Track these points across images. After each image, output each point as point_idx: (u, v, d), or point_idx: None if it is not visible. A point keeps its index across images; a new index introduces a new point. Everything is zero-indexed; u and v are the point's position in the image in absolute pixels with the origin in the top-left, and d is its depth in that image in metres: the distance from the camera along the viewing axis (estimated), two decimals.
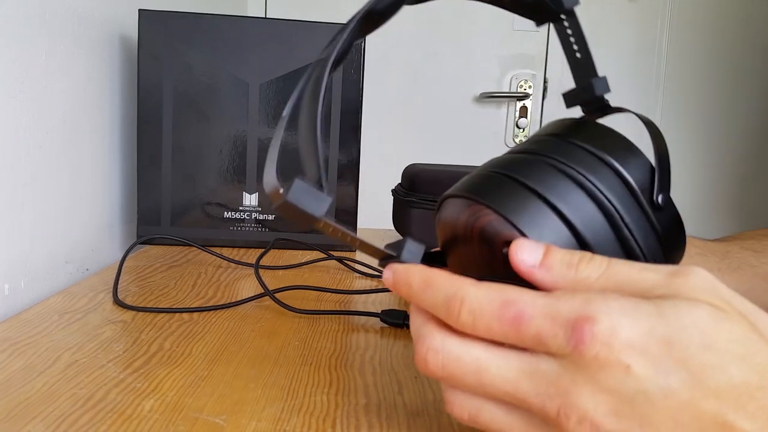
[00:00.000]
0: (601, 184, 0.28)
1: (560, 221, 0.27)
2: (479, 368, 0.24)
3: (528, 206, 0.27)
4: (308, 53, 0.72)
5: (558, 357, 0.23)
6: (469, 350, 0.24)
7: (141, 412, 0.31)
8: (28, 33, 0.52)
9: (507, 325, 0.24)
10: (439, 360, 0.25)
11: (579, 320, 0.22)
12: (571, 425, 0.22)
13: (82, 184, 0.64)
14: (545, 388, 0.23)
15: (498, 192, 0.28)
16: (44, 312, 0.46)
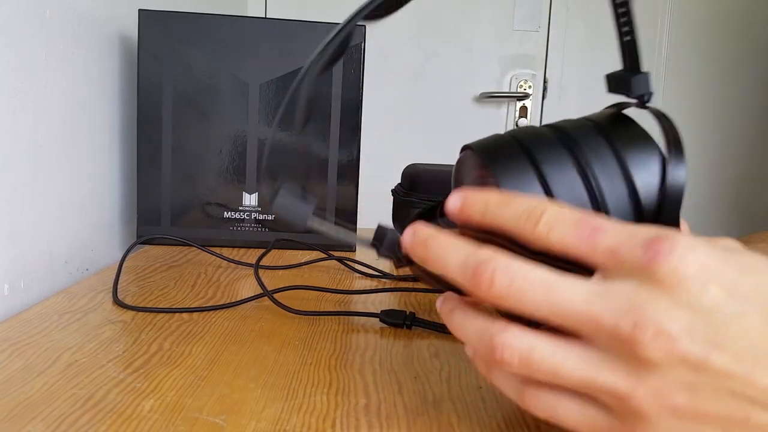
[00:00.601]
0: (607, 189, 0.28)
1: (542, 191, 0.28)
2: (549, 285, 0.24)
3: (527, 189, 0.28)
4: (308, 53, 0.72)
5: (632, 274, 0.23)
6: (538, 270, 0.24)
7: (141, 412, 0.31)
8: (28, 33, 0.52)
9: (583, 237, 0.24)
10: (507, 276, 0.24)
11: (657, 238, 0.22)
12: (647, 339, 0.22)
13: (82, 184, 0.64)
14: (619, 305, 0.22)
15: (508, 165, 0.29)
16: (44, 312, 0.46)
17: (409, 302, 0.54)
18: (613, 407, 0.24)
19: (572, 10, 1.69)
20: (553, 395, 0.25)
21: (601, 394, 0.24)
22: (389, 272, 0.65)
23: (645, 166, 0.28)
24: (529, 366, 0.24)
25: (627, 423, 0.24)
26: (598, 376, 0.23)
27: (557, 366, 0.24)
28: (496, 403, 0.34)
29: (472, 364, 0.39)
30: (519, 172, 0.28)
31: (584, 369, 0.23)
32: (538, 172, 0.28)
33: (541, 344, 0.24)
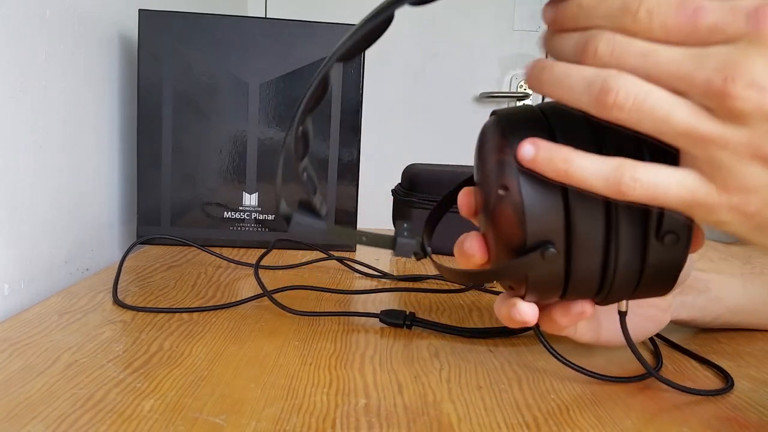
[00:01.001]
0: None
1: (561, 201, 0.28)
2: (647, 51, 0.25)
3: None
4: (308, 53, 0.72)
5: (733, 41, 0.24)
6: (638, 41, 0.25)
7: (141, 412, 0.31)
8: (28, 33, 0.52)
9: (684, 18, 0.24)
10: (609, 45, 0.25)
11: (760, 7, 0.23)
12: (738, 89, 0.23)
13: (82, 184, 0.64)
14: (714, 64, 0.23)
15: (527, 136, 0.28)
16: (44, 312, 0.46)
17: (409, 302, 0.54)
18: (707, 161, 0.25)
19: None
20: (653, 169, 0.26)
21: (700, 143, 0.25)
22: (389, 272, 0.65)
23: None
24: (641, 110, 0.25)
25: (718, 179, 0.25)
26: (700, 126, 0.24)
27: (667, 113, 0.24)
28: (496, 403, 0.34)
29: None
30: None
31: (689, 119, 0.24)
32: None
33: (656, 92, 0.25)
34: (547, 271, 0.30)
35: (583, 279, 0.30)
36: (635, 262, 0.29)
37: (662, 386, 0.37)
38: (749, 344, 0.45)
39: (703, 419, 0.33)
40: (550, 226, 0.28)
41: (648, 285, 0.30)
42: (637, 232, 0.28)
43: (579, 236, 0.29)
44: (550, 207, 0.28)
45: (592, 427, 0.31)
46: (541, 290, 0.31)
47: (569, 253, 0.29)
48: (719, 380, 0.38)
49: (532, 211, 0.28)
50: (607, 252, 0.29)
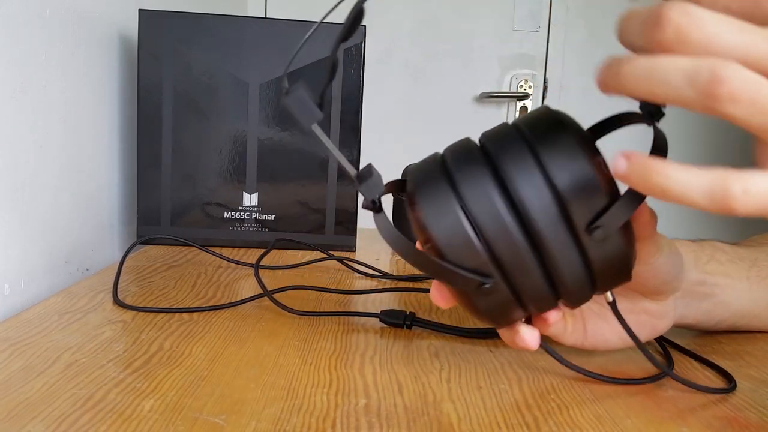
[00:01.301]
0: (527, 198, 0.28)
1: (475, 235, 0.29)
2: (742, 29, 0.22)
3: (446, 211, 0.29)
4: (308, 53, 0.72)
5: None
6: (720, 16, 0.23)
7: (141, 412, 0.31)
8: (28, 33, 0.52)
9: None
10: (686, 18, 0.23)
11: None
12: None
13: (82, 184, 0.63)
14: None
15: (429, 188, 0.30)
16: (44, 312, 0.46)
17: (409, 302, 0.54)
18: None
19: (572, 10, 1.69)
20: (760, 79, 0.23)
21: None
22: (389, 272, 0.65)
23: (564, 167, 0.28)
24: (756, 103, 0.22)
25: None
26: None
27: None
28: (496, 403, 0.34)
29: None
30: (438, 196, 0.30)
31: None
32: (456, 192, 0.29)
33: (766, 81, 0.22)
34: (494, 301, 0.31)
35: (535, 294, 0.30)
36: (576, 265, 0.29)
37: (662, 386, 0.37)
38: (749, 344, 0.45)
39: (703, 419, 0.33)
40: (477, 263, 0.29)
41: (605, 279, 0.31)
42: (562, 236, 0.29)
43: (507, 261, 0.29)
44: (468, 246, 0.29)
45: (592, 427, 0.31)
46: (500, 317, 0.32)
47: (508, 279, 0.30)
48: (721, 381, 0.38)
49: (454, 256, 0.29)
50: (543, 264, 0.29)
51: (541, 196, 0.28)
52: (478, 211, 0.29)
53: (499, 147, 0.30)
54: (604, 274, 0.30)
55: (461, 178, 0.29)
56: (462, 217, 0.29)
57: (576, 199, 0.28)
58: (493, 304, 0.31)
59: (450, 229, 0.29)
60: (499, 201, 0.29)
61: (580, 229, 0.28)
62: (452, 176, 0.30)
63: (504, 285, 0.30)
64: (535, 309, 0.32)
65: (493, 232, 0.29)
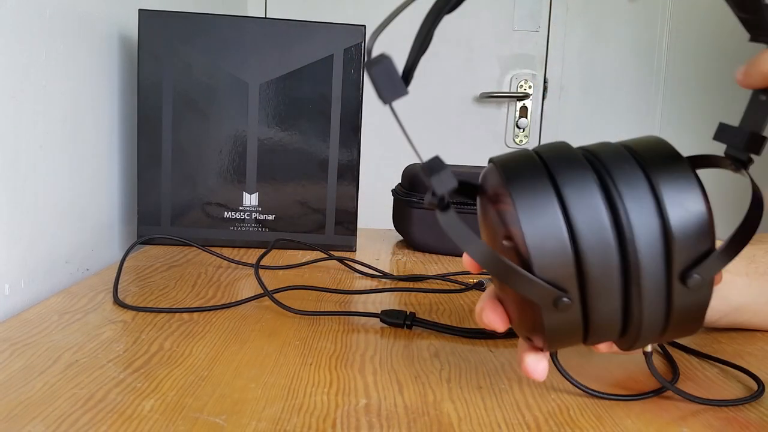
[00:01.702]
0: (637, 226, 0.26)
1: (570, 246, 0.26)
2: None
3: (545, 213, 0.27)
4: (308, 53, 0.72)
5: None
6: None
7: (141, 412, 0.31)
8: (28, 33, 0.52)
9: None
10: None
11: None
12: None
13: (82, 184, 0.64)
14: None
15: (525, 185, 0.27)
16: (44, 312, 0.46)
17: (409, 302, 0.54)
18: None
19: (572, 10, 1.69)
20: None
21: None
22: (389, 272, 0.65)
23: (680, 202, 0.26)
24: None
25: None
26: None
27: None
28: (496, 403, 0.34)
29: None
30: (537, 193, 0.27)
31: None
32: (558, 194, 0.27)
33: None
34: (563, 320, 0.28)
35: (604, 325, 0.28)
36: (659, 307, 0.27)
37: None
38: (749, 344, 0.45)
39: (703, 419, 0.33)
40: (561, 274, 0.27)
41: (675, 329, 0.29)
42: (659, 275, 0.27)
43: (593, 282, 0.27)
44: (558, 254, 0.26)
45: (592, 427, 0.31)
46: (559, 339, 0.29)
47: (585, 300, 0.27)
48: (724, 382, 0.38)
49: (540, 260, 0.27)
50: (627, 297, 0.27)
51: (650, 225, 0.26)
52: (580, 219, 0.26)
53: (610, 161, 0.27)
54: (679, 324, 0.28)
55: (566, 182, 0.27)
56: (561, 220, 0.26)
57: (684, 239, 0.26)
58: (562, 323, 0.28)
59: (545, 230, 0.26)
60: (606, 216, 0.26)
61: (676, 272, 0.27)
62: (555, 176, 0.27)
63: (578, 306, 0.27)
64: (593, 339, 0.29)
65: (591, 246, 0.26)
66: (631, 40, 1.69)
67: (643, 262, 0.26)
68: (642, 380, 0.38)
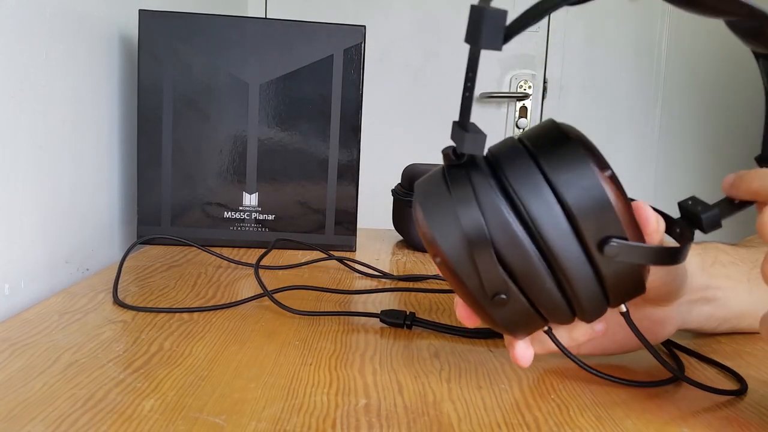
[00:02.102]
0: (539, 214, 0.28)
1: (490, 250, 0.29)
2: None
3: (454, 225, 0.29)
4: (308, 53, 0.72)
5: None
6: None
7: (141, 412, 0.31)
8: (28, 33, 0.52)
9: None
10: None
11: None
12: None
13: (82, 184, 0.64)
14: None
15: (437, 207, 0.30)
16: (44, 312, 0.46)
17: (409, 302, 0.54)
18: None
19: (572, 10, 1.69)
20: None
21: None
22: (389, 272, 0.65)
23: (573, 181, 0.28)
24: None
25: None
26: None
27: None
28: (496, 403, 0.34)
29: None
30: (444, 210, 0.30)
31: None
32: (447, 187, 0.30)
33: None
34: (511, 312, 0.31)
35: (550, 306, 0.31)
36: (590, 280, 0.29)
37: (662, 387, 0.37)
38: (749, 344, 0.45)
39: (703, 419, 0.33)
40: (490, 277, 0.30)
41: (619, 293, 0.31)
42: (575, 252, 0.29)
43: (521, 275, 0.29)
44: (482, 261, 0.29)
45: (592, 427, 0.31)
46: (521, 328, 0.32)
47: (523, 290, 0.30)
48: (727, 381, 0.38)
49: (463, 271, 0.30)
50: (557, 278, 0.30)
51: (550, 209, 0.28)
52: (489, 222, 0.29)
53: (505, 161, 0.30)
54: (618, 288, 0.30)
55: (472, 190, 0.30)
56: (473, 227, 0.29)
57: (586, 214, 0.28)
58: (512, 315, 0.31)
59: (461, 243, 0.29)
60: (509, 213, 0.29)
61: (591, 245, 0.28)
62: (451, 193, 0.30)
63: (521, 296, 0.30)
64: (553, 320, 0.32)
65: (504, 244, 0.29)
66: (631, 40, 1.69)
67: (555, 244, 0.28)
68: (642, 380, 0.38)
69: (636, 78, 1.70)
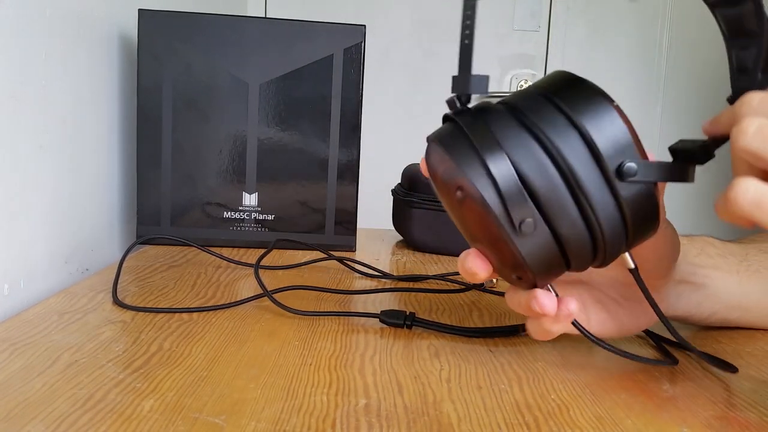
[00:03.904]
0: (559, 141, 0.30)
1: (512, 170, 0.30)
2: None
3: (481, 153, 0.30)
4: (308, 53, 0.72)
5: None
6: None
7: (141, 412, 0.31)
8: (28, 32, 0.52)
9: None
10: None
11: None
12: None
13: (82, 184, 0.63)
14: None
15: (454, 141, 0.31)
16: (44, 312, 0.46)
17: (409, 302, 0.54)
18: None
19: (572, 9, 1.69)
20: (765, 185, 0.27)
21: None
22: (389, 272, 0.65)
23: (589, 112, 0.30)
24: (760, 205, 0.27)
25: None
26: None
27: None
28: (496, 403, 0.34)
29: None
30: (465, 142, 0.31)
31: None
32: (489, 137, 0.30)
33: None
34: (536, 244, 0.31)
35: (574, 238, 0.31)
36: (610, 204, 0.30)
37: (663, 387, 0.37)
38: (749, 344, 0.45)
39: (703, 419, 0.33)
40: (515, 202, 0.30)
41: (636, 225, 0.31)
42: (596, 177, 0.30)
43: (545, 200, 0.30)
44: (506, 185, 0.30)
45: (592, 428, 0.31)
46: (544, 266, 0.32)
47: (548, 219, 0.30)
48: (729, 381, 0.38)
49: (490, 196, 0.30)
50: (579, 204, 0.30)
51: (570, 138, 0.29)
52: (511, 150, 0.30)
53: (516, 98, 0.32)
54: (636, 218, 0.31)
55: (490, 125, 0.31)
56: (497, 155, 0.30)
57: (605, 141, 0.29)
58: (537, 248, 0.31)
59: (488, 170, 0.30)
60: (533, 143, 0.30)
61: (611, 171, 0.30)
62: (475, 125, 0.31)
63: (545, 226, 0.30)
64: (575, 259, 0.32)
65: (530, 169, 0.30)
66: (631, 40, 1.69)
67: (578, 170, 0.29)
68: (641, 380, 0.38)
69: (636, 78, 1.70)
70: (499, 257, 0.32)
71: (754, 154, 0.28)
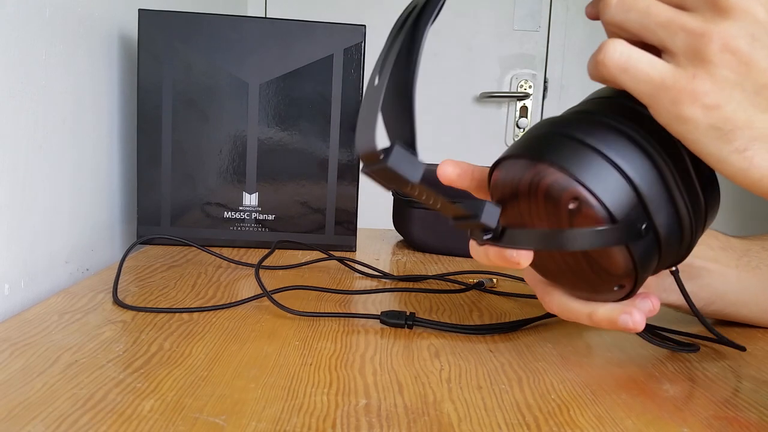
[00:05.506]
0: (653, 143, 0.30)
1: (621, 177, 0.30)
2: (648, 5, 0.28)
3: (590, 163, 0.30)
4: (308, 53, 0.72)
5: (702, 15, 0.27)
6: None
7: (141, 412, 0.31)
8: (28, 33, 0.52)
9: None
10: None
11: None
12: (714, 49, 0.27)
13: (82, 184, 0.64)
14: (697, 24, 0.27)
15: (559, 151, 0.30)
16: (44, 312, 0.46)
17: (409, 302, 0.54)
18: (683, 50, 0.28)
19: (572, 10, 1.69)
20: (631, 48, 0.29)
21: (679, 32, 0.28)
22: (389, 272, 0.65)
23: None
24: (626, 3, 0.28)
25: (689, 68, 0.28)
26: (681, 17, 0.28)
27: (650, 6, 0.28)
28: (496, 403, 0.34)
29: None
30: (570, 151, 0.30)
31: (672, 14, 0.28)
32: (589, 146, 0.30)
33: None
34: (645, 249, 0.31)
35: (669, 237, 0.31)
36: (698, 201, 0.31)
37: (663, 386, 0.37)
38: (749, 344, 0.45)
39: (703, 419, 0.33)
40: (628, 206, 0.30)
41: (705, 227, 0.33)
42: (690, 183, 0.30)
43: (651, 202, 0.30)
44: (618, 190, 0.30)
45: (592, 427, 0.31)
46: (647, 272, 0.32)
47: (653, 222, 0.30)
48: (728, 380, 0.38)
49: (613, 202, 0.29)
50: (676, 207, 0.30)
51: (666, 140, 0.30)
52: (615, 156, 0.30)
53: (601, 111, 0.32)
54: (711, 219, 0.32)
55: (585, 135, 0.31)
56: (605, 162, 0.30)
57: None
58: (645, 251, 0.31)
59: (600, 176, 0.30)
60: (631, 146, 0.30)
61: (696, 180, 0.31)
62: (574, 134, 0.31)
63: (651, 231, 0.31)
64: (663, 262, 0.32)
65: (638, 172, 0.30)
66: None
67: (675, 169, 0.30)
68: (641, 380, 0.38)
69: None
70: (605, 267, 0.32)
71: (617, 25, 0.29)
